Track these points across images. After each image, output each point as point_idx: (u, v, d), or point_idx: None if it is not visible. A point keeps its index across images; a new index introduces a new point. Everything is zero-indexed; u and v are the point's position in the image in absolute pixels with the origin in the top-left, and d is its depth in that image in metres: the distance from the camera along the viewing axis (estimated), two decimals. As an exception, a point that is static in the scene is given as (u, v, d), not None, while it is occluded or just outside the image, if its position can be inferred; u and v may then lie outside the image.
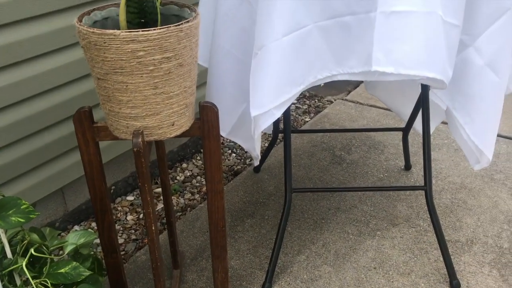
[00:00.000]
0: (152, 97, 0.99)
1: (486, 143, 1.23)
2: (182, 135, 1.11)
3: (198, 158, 2.05)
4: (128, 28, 1.00)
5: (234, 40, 1.24)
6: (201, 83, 1.86)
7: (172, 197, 1.82)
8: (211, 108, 1.10)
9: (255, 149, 1.24)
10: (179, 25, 0.96)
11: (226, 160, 2.04)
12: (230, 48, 1.25)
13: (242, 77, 1.24)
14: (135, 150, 0.99)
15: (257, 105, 1.11)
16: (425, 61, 1.02)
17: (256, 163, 1.30)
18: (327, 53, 1.09)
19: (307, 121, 2.36)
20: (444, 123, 2.14)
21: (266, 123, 1.13)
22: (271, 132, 1.87)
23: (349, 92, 2.64)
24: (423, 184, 1.41)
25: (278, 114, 1.12)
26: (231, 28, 1.23)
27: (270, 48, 1.07)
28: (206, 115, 1.10)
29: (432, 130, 1.74)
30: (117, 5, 1.09)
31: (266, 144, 2.14)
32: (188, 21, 0.98)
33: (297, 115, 2.43)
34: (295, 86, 1.10)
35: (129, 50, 0.93)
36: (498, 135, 2.17)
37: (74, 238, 1.11)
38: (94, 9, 1.06)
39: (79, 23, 0.98)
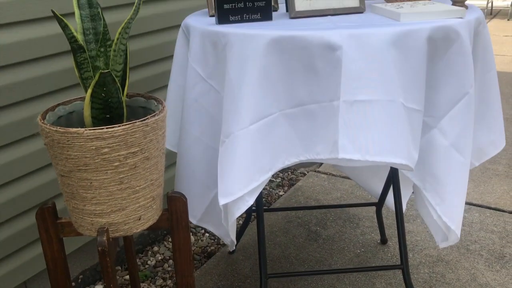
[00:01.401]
0: (117, 192, 0.97)
1: (456, 221, 1.24)
2: (150, 228, 1.07)
3: (170, 240, 1.99)
4: (93, 124, 0.99)
5: (202, 127, 1.24)
6: (171, 163, 1.85)
7: (144, 283, 1.74)
8: (180, 199, 1.08)
9: (229, 235, 1.20)
10: (144, 120, 0.95)
11: (199, 241, 1.98)
12: (199, 134, 1.25)
13: (212, 163, 1.23)
14: (100, 249, 0.95)
15: (225, 193, 1.09)
16: (390, 147, 1.04)
17: (231, 248, 1.26)
18: (294, 139, 1.10)
19: (281, 195, 2.34)
20: (416, 193, 2.15)
21: (239, 211, 1.10)
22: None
23: (321, 163, 2.66)
24: (399, 260, 1.39)
25: (251, 201, 1.10)
26: (200, 115, 1.24)
27: (237, 136, 1.07)
28: (175, 206, 1.08)
29: (404, 204, 1.74)
30: (83, 98, 1.09)
31: (241, 222, 2.10)
32: (154, 115, 0.98)
33: (270, 189, 2.41)
34: (263, 173, 1.10)
35: (94, 148, 0.91)
36: (470, 204, 2.19)
37: None
38: (58, 104, 1.06)
39: (42, 120, 0.96)
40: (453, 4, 1.21)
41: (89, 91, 0.94)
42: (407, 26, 1.04)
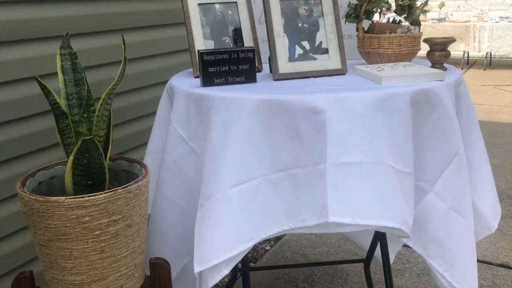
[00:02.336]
0: (98, 262, 0.93)
1: (470, 286, 1.18)
2: (132, 297, 1.03)
3: (154, 299, 1.92)
4: (75, 190, 0.97)
5: (179, 190, 1.20)
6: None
7: None
8: (163, 266, 1.05)
9: None
10: (127, 186, 0.94)
11: (184, 300, 1.92)
12: (175, 197, 1.20)
13: (186, 229, 1.17)
14: (78, 324, 0.91)
15: (201, 260, 1.03)
16: (381, 210, 1.01)
17: None
18: (278, 206, 1.07)
19: (268, 250, 2.30)
20: (404, 246, 2.13)
21: (213, 280, 1.05)
22: (230, 269, 1.79)
23: (308, 216, 2.63)
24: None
25: (226, 271, 1.05)
26: (177, 177, 1.20)
27: (216, 199, 1.04)
28: (158, 273, 1.05)
29: (392, 258, 1.72)
30: (64, 163, 1.07)
31: (226, 280, 2.04)
32: (137, 181, 0.96)
33: (257, 244, 2.37)
34: (243, 242, 1.05)
35: (74, 217, 0.89)
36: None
37: None
38: (39, 170, 1.04)
39: (21, 188, 0.94)
40: (432, 66, 1.24)
41: (71, 157, 0.93)
42: (388, 90, 1.05)
